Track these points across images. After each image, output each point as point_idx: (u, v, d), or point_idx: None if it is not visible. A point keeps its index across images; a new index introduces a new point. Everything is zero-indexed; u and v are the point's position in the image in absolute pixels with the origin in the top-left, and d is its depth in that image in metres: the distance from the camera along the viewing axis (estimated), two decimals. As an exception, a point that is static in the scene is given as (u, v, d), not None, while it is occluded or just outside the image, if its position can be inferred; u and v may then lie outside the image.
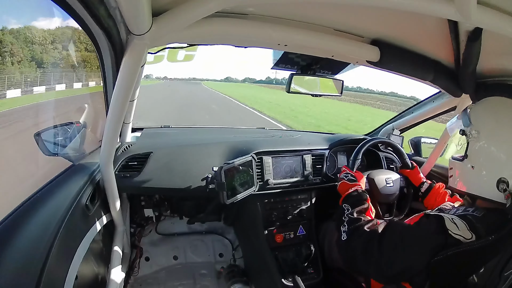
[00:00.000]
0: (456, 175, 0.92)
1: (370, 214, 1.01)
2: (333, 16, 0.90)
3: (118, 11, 0.65)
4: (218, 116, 12.90)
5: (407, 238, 0.83)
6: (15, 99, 12.08)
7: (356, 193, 1.06)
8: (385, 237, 0.85)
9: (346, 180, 1.13)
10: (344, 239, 0.94)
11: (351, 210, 0.99)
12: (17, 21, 33.30)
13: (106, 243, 1.21)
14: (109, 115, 0.92)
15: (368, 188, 1.26)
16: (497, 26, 0.73)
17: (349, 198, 1.05)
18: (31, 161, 3.52)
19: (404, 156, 1.40)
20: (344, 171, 1.18)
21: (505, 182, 0.77)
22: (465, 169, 0.88)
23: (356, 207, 1.00)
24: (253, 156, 1.30)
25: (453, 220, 0.78)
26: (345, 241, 0.94)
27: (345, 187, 1.11)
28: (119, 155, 1.28)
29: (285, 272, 1.34)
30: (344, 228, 0.95)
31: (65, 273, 0.79)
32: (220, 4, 0.69)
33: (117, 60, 0.83)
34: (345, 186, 1.12)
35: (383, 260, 0.83)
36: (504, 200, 0.77)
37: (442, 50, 1.00)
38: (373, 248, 0.85)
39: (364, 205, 1.01)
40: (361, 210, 0.99)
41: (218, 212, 1.61)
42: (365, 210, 1.00)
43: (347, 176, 1.15)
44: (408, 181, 1.36)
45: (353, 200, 1.03)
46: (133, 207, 1.47)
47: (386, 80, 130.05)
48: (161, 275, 1.70)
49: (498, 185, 0.78)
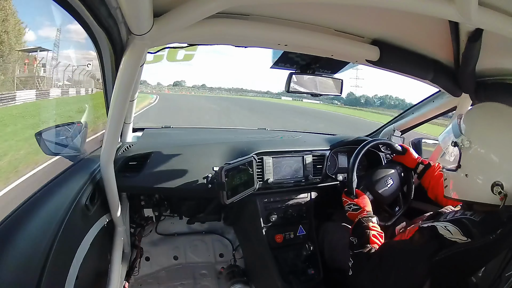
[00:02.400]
0: (450, 185, 0.93)
1: (373, 241, 0.99)
2: (333, 16, 0.90)
3: (119, 11, 0.66)
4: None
5: (405, 255, 0.85)
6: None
7: (360, 222, 1.06)
8: (384, 260, 0.87)
9: (351, 211, 1.13)
10: (351, 274, 0.96)
11: (356, 242, 1.00)
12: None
13: (106, 243, 1.21)
14: (110, 115, 0.93)
15: (373, 199, 1.25)
16: (498, 27, 0.73)
17: (356, 228, 1.06)
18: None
19: (392, 146, 1.37)
20: (346, 202, 1.17)
21: (499, 185, 0.78)
22: (459, 179, 0.88)
23: (360, 238, 1.01)
24: (253, 157, 1.30)
25: (446, 227, 0.80)
26: (352, 276, 0.95)
27: (352, 217, 1.12)
28: (119, 155, 1.28)
29: (285, 272, 1.34)
30: (350, 263, 0.97)
31: (65, 273, 0.79)
32: (221, 5, 0.69)
33: (117, 60, 0.83)
34: (351, 216, 1.13)
35: (389, 282, 0.85)
36: (499, 202, 0.78)
37: (442, 49, 1.00)
38: (377, 274, 0.87)
39: (365, 235, 1.00)
40: (362, 242, 0.99)
41: (218, 212, 1.61)
42: (367, 240, 0.99)
43: (350, 207, 1.15)
44: (404, 167, 1.34)
45: (358, 231, 1.04)
46: (133, 207, 1.47)
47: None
48: (161, 275, 1.70)
49: (493, 188, 0.79)
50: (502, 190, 0.77)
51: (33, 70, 16.43)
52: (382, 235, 1.01)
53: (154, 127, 1.83)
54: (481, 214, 0.82)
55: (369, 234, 1.00)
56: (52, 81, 17.56)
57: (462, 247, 0.75)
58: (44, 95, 14.26)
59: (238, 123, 13.54)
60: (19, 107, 10.86)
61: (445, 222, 0.83)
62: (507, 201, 0.77)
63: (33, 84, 15.34)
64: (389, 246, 0.94)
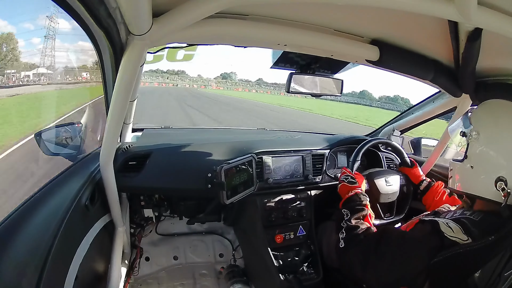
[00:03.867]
0: (455, 176, 0.94)
1: (369, 220, 1.00)
2: (333, 16, 0.90)
3: (118, 11, 0.66)
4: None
5: (403, 244, 0.83)
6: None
7: (356, 197, 1.06)
8: (381, 245, 0.86)
9: (346, 182, 1.12)
10: (342, 246, 0.95)
11: (349, 216, 1.00)
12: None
13: (106, 243, 1.21)
14: (109, 115, 0.93)
15: (368, 188, 1.26)
16: (497, 27, 0.73)
17: (349, 202, 1.05)
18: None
19: (403, 155, 1.42)
20: (344, 173, 1.17)
21: (503, 180, 0.78)
22: (464, 170, 0.89)
23: (355, 213, 1.00)
24: (253, 156, 1.30)
25: (448, 224, 0.79)
26: (343, 248, 0.94)
27: (345, 190, 1.11)
28: (119, 155, 1.28)
29: (285, 272, 1.34)
30: (342, 235, 0.96)
31: (65, 273, 0.79)
32: (220, 4, 0.69)
33: (117, 60, 0.83)
34: (345, 188, 1.12)
35: (381, 268, 0.84)
36: (502, 199, 0.78)
37: (442, 49, 1.00)
38: (370, 256, 0.86)
39: (363, 211, 1.01)
40: (359, 216, 0.99)
41: (218, 212, 1.61)
42: (363, 217, 1.00)
43: (347, 178, 1.14)
44: (408, 179, 1.36)
45: (352, 205, 1.03)
46: (133, 207, 1.47)
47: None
48: (161, 275, 1.70)
49: (496, 183, 0.79)
50: (505, 187, 0.77)
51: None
52: (372, 217, 1.04)
53: (153, 127, 1.83)
54: (480, 214, 0.82)
55: (367, 212, 1.00)
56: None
57: (462, 248, 0.75)
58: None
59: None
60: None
61: (446, 219, 0.83)
62: (509, 200, 0.77)
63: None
64: (389, 232, 0.92)
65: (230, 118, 14.32)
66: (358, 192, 1.08)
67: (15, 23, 25.09)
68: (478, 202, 0.87)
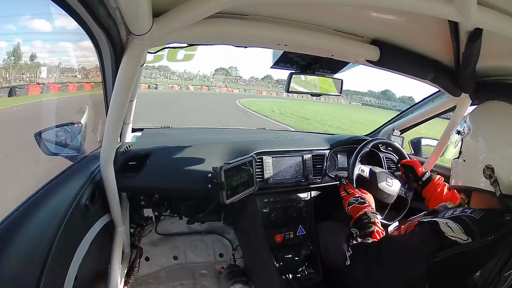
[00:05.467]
0: (453, 173, 0.97)
1: (376, 237, 1.00)
2: (333, 16, 0.90)
3: (118, 11, 0.65)
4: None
5: (404, 251, 0.84)
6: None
7: (365, 216, 1.06)
8: (382, 255, 0.86)
9: (357, 204, 1.12)
10: (348, 264, 0.95)
11: (357, 234, 1.00)
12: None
13: (106, 243, 1.21)
14: (109, 115, 0.93)
15: (368, 178, 1.27)
16: (497, 27, 0.73)
17: (359, 222, 1.05)
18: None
19: (403, 154, 1.43)
20: (353, 195, 1.16)
21: (489, 168, 0.80)
22: (459, 165, 0.93)
23: (363, 230, 1.00)
24: (253, 156, 1.30)
25: (447, 224, 0.79)
26: (349, 266, 0.94)
27: (356, 210, 1.11)
28: (119, 155, 1.28)
29: (285, 272, 1.34)
30: (348, 253, 0.96)
31: (65, 273, 0.79)
32: (220, 4, 0.69)
33: (117, 60, 0.83)
34: (356, 209, 1.12)
35: (385, 278, 0.84)
36: (493, 188, 0.79)
37: (442, 49, 1.00)
38: (373, 269, 0.86)
39: (371, 228, 1.00)
40: (365, 234, 0.99)
41: (217, 212, 1.61)
42: (370, 233, 0.99)
43: (357, 199, 1.14)
44: (409, 186, 1.36)
45: (361, 224, 1.04)
46: (133, 207, 1.47)
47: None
48: (161, 275, 1.70)
49: (484, 172, 0.81)
50: (492, 174, 0.79)
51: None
52: (384, 233, 1.02)
53: (153, 127, 1.83)
54: (481, 212, 0.81)
55: (374, 229, 1.00)
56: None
57: (462, 249, 0.75)
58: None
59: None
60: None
61: (445, 219, 0.83)
62: (506, 190, 0.78)
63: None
64: (388, 241, 0.93)
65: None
66: (368, 211, 1.08)
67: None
68: (474, 196, 0.89)
